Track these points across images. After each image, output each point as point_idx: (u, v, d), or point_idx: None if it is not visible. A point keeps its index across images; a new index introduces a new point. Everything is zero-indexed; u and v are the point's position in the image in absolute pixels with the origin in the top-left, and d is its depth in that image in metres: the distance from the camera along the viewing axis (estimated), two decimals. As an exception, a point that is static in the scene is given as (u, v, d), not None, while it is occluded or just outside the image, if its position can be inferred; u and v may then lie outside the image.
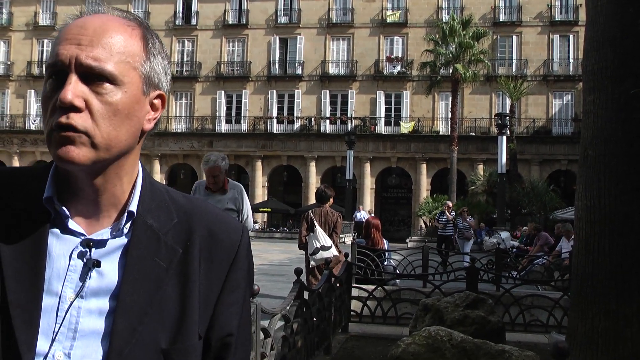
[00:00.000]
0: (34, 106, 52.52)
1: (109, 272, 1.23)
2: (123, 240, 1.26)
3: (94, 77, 1.19)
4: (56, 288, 1.20)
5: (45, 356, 1.17)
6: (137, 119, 1.25)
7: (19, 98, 53.05)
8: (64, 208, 1.24)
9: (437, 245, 21.88)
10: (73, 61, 1.18)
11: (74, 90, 1.17)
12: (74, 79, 1.17)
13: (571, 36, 46.58)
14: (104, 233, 1.25)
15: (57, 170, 1.27)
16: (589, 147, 6.04)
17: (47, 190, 1.25)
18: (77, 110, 1.17)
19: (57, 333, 1.18)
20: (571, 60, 46.61)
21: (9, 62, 53.58)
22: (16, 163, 50.13)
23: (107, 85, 1.20)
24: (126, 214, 1.26)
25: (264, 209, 46.41)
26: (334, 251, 10.15)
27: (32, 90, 52.53)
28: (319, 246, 10.13)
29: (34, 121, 52.14)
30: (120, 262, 1.24)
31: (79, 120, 1.17)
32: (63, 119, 1.16)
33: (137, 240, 1.26)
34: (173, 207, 1.33)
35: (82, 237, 1.23)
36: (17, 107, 52.94)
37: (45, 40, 53.17)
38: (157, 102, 1.30)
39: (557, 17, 47.09)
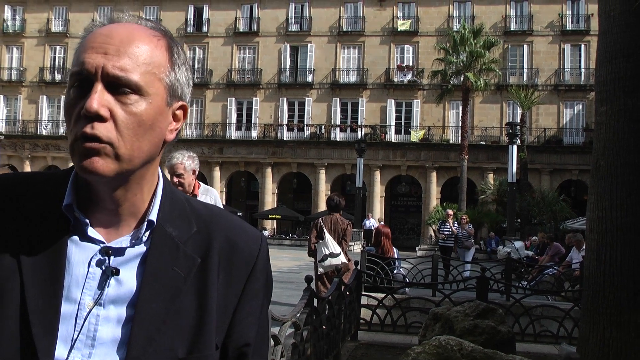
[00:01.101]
0: (45, 112, 52.82)
1: (128, 280, 1.23)
2: (142, 248, 1.26)
3: (119, 87, 1.18)
4: (75, 295, 1.20)
5: None
6: (160, 130, 1.25)
7: (31, 104, 53.32)
8: (83, 216, 1.24)
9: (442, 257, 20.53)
10: (99, 70, 1.17)
11: (100, 99, 1.16)
12: (99, 88, 1.17)
13: (582, 46, 46.47)
14: (123, 241, 1.25)
15: (77, 177, 1.27)
16: (601, 158, 6.03)
17: (67, 197, 1.24)
18: (102, 119, 1.16)
19: (75, 340, 1.18)
20: (582, 70, 46.51)
21: (21, 68, 53.87)
22: (28, 168, 50.37)
23: (133, 96, 1.19)
24: (146, 222, 1.26)
25: (274, 216, 46.43)
26: (342, 258, 10.15)
27: (44, 96, 52.84)
28: (328, 253, 10.14)
29: (46, 126, 52.42)
30: (139, 270, 1.24)
31: (104, 130, 1.16)
32: (88, 129, 1.16)
33: (156, 248, 1.26)
34: (193, 216, 1.33)
35: (102, 245, 1.23)
36: (30, 112, 53.19)
37: (58, 47, 53.50)
38: (179, 113, 1.30)
39: (569, 26, 47.00)
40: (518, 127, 33.03)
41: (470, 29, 42.94)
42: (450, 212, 22.34)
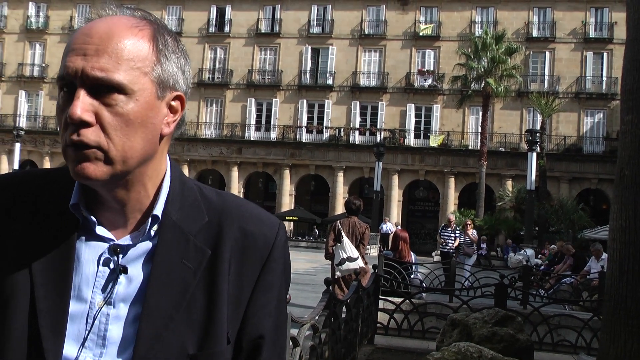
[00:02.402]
0: (66, 108, 53.16)
1: (137, 277, 1.21)
2: (150, 244, 1.24)
3: (102, 89, 1.14)
4: (85, 294, 1.19)
5: None
6: (153, 125, 1.21)
7: (52, 100, 53.59)
8: (91, 216, 1.22)
9: (443, 264, 18.83)
10: (79, 74, 1.14)
11: (83, 105, 1.13)
12: (82, 94, 1.14)
13: (605, 54, 46.16)
14: (130, 238, 1.24)
15: None
16: (625, 167, 5.97)
17: (74, 196, 1.23)
18: (87, 125, 1.13)
19: (85, 340, 1.17)
20: (604, 79, 46.19)
21: (44, 65, 54.27)
22: (47, 164, 50.71)
23: (117, 96, 1.15)
24: (150, 218, 1.24)
25: (291, 218, 46.42)
26: (360, 262, 10.12)
27: (65, 93, 53.17)
28: (345, 257, 10.11)
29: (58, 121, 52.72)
30: (148, 266, 1.22)
31: (91, 135, 1.14)
32: (75, 137, 1.13)
33: (165, 243, 1.23)
34: (204, 206, 1.29)
35: (110, 243, 1.22)
36: (50, 108, 53.53)
37: (80, 44, 53.79)
38: (175, 103, 1.25)
39: (592, 34, 46.70)
40: (538, 134, 32.84)
41: (492, 35, 42.78)
42: (452, 217, 20.99)
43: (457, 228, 20.04)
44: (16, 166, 43.49)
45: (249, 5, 51.31)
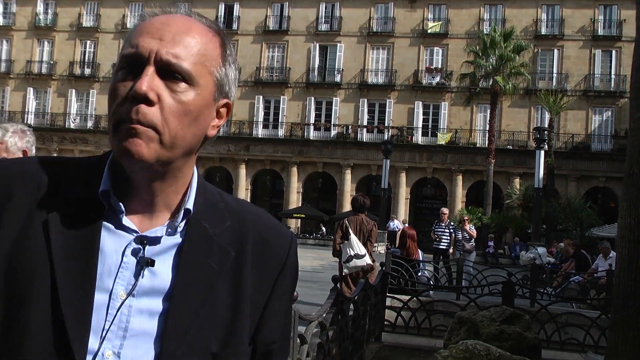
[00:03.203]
0: (74, 105, 53.39)
1: (162, 271, 1.21)
2: (177, 239, 1.24)
3: (170, 74, 1.17)
4: (107, 285, 1.18)
5: (95, 354, 1.15)
6: (205, 123, 1.24)
7: (60, 97, 53.85)
8: (120, 203, 1.22)
9: (434, 261, 17.71)
10: (153, 55, 1.17)
11: (150, 82, 1.15)
12: (151, 71, 1.16)
13: (614, 52, 46.00)
14: (158, 231, 1.23)
15: (113, 163, 1.25)
16: (634, 165, 5.96)
17: (104, 183, 1.22)
18: (149, 103, 1.15)
19: (107, 331, 1.16)
20: (613, 76, 46.05)
21: (52, 62, 54.44)
22: (55, 161, 50.86)
23: (182, 84, 1.18)
24: (182, 211, 1.25)
25: (298, 215, 46.46)
26: (367, 259, 10.13)
27: (73, 90, 53.37)
28: (353, 254, 10.12)
29: (74, 120, 52.97)
30: (174, 261, 1.22)
31: (150, 114, 1.15)
32: (134, 113, 1.15)
33: (191, 240, 1.24)
34: (226, 210, 1.32)
35: (135, 235, 1.21)
36: (58, 105, 53.72)
37: (88, 42, 54.06)
38: (223, 110, 1.29)
39: (600, 31, 46.54)
40: (546, 132, 32.78)
41: (500, 32, 42.66)
42: (445, 211, 19.35)
43: (452, 223, 18.92)
44: (24, 163, 43.59)
45: (257, 2, 51.34)
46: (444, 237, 18.01)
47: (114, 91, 1.19)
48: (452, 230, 18.30)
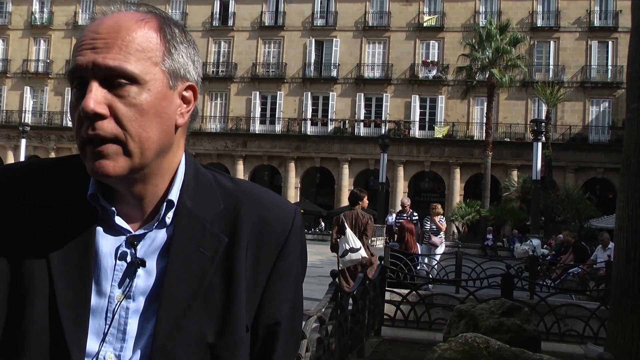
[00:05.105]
0: (71, 103, 53.34)
1: (155, 269, 1.20)
2: (166, 235, 1.22)
3: (114, 81, 1.14)
4: (105, 288, 1.18)
5: (96, 357, 1.15)
6: (168, 116, 1.20)
7: (57, 95, 53.78)
8: (109, 205, 1.21)
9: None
10: (90, 66, 1.14)
11: (95, 97, 1.12)
12: (94, 86, 1.13)
13: (610, 42, 45.99)
14: (146, 227, 1.22)
15: None
16: (631, 155, 5.95)
17: (91, 186, 1.21)
18: (101, 117, 1.12)
19: (106, 334, 1.16)
20: (609, 67, 46.05)
21: (48, 60, 54.37)
22: (53, 159, 50.84)
23: (130, 87, 1.15)
24: (165, 203, 1.22)
25: (296, 210, 46.41)
26: (362, 253, 10.15)
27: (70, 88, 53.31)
28: (348, 248, 10.14)
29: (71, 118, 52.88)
30: (165, 257, 1.21)
31: (107, 128, 1.13)
32: (90, 131, 1.13)
33: (181, 231, 1.22)
34: (220, 193, 1.29)
35: (128, 234, 1.20)
36: (55, 104, 53.67)
37: (84, 39, 53.92)
38: (187, 94, 1.24)
39: (596, 22, 46.53)
40: (543, 124, 32.79)
41: (496, 25, 42.68)
42: (407, 201, 17.15)
43: (415, 214, 16.85)
44: (22, 162, 43.58)
45: (253, -2, 51.34)
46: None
47: (72, 112, 1.18)
48: (414, 220, 16.22)
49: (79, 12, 54.11)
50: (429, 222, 16.36)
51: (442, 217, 16.81)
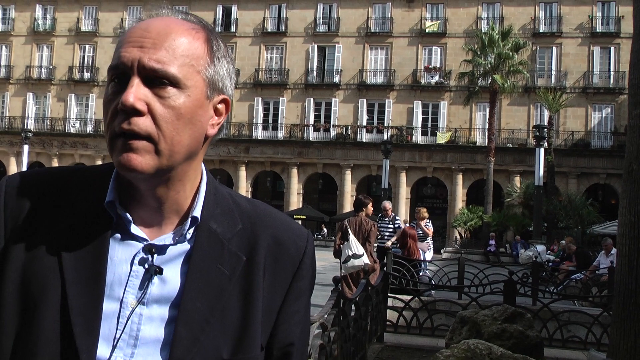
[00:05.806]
0: (74, 110, 53.39)
1: (172, 278, 1.21)
2: (186, 246, 1.23)
3: (156, 81, 1.16)
4: (118, 294, 1.19)
5: None
6: (201, 124, 1.22)
7: (60, 102, 53.86)
8: (127, 213, 1.22)
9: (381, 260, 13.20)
10: (135, 64, 1.15)
11: (136, 93, 1.14)
12: (136, 82, 1.14)
13: (612, 48, 46.00)
14: (166, 238, 1.23)
15: (119, 173, 1.24)
16: (634, 162, 5.95)
17: (109, 194, 1.22)
18: (139, 114, 1.14)
19: (118, 340, 1.16)
20: (612, 73, 46.04)
21: (51, 67, 54.48)
22: (55, 165, 50.82)
23: (170, 89, 1.16)
24: (189, 219, 1.23)
25: (299, 216, 46.40)
26: (365, 259, 10.14)
27: (73, 94, 53.39)
28: (350, 254, 10.14)
29: (74, 124, 52.97)
30: (183, 268, 1.22)
31: (142, 124, 1.14)
32: (125, 125, 1.14)
33: (200, 246, 1.23)
34: (237, 213, 1.30)
35: (145, 243, 1.21)
36: (58, 110, 53.74)
37: (87, 46, 54.08)
38: (220, 106, 1.27)
39: (598, 28, 46.56)
40: (545, 129, 32.76)
41: (498, 31, 42.71)
42: (388, 204, 15.72)
43: (397, 217, 15.76)
44: (24, 168, 43.61)
45: (255, 4, 51.37)
46: (386, 233, 14.77)
47: (106, 105, 1.18)
48: (397, 226, 14.97)
49: (81, 19, 54.23)
50: (415, 227, 15.62)
51: (428, 221, 16.13)
